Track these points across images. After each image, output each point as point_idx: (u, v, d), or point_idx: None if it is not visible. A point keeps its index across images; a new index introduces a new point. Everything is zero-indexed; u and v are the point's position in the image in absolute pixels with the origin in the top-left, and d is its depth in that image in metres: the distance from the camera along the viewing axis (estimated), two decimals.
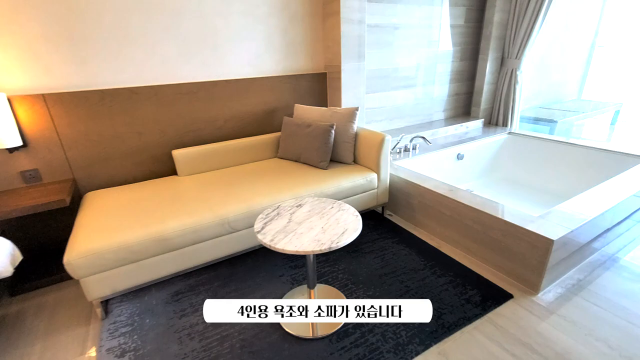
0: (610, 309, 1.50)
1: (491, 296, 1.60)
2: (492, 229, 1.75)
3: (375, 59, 2.76)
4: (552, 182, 2.86)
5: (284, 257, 1.96)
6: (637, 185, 1.98)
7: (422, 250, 1.98)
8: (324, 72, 2.63)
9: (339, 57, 2.44)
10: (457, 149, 2.87)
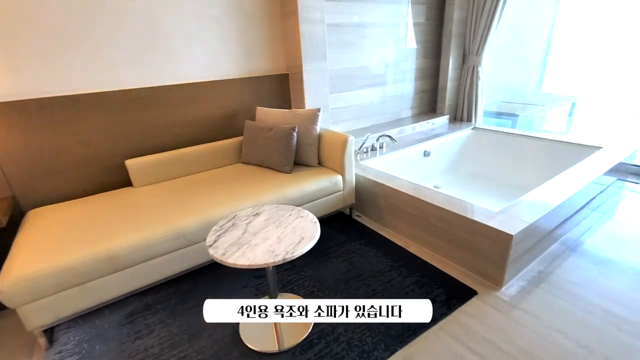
0: (569, 300, 1.53)
1: (456, 294, 1.60)
2: (455, 227, 1.75)
3: (339, 59, 2.73)
4: (516, 174, 2.93)
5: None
6: (593, 174, 2.05)
7: (389, 251, 1.95)
8: (285, 73, 2.56)
9: (299, 58, 2.38)
10: (423, 146, 2.89)
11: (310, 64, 2.41)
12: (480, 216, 1.66)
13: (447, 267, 1.80)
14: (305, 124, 2.16)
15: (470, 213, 1.70)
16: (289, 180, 2.00)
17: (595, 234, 2.00)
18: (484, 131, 3.18)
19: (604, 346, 1.29)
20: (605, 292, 1.56)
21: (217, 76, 2.30)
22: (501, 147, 3.05)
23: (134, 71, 2.01)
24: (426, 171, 2.96)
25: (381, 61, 3.01)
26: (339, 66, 2.75)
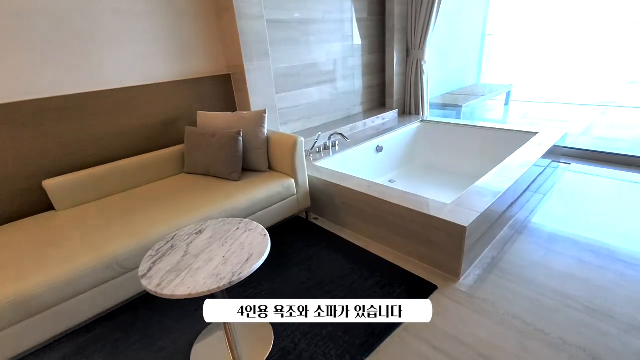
0: (522, 284, 1.58)
1: (417, 290, 1.58)
2: (412, 222, 1.73)
3: (284, 57, 2.62)
4: (465, 163, 3.04)
5: None
6: (532, 158, 2.16)
7: (348, 252, 1.90)
8: (227, 74, 2.40)
9: (240, 57, 2.24)
10: (375, 141, 2.88)
11: (252, 63, 2.27)
12: (434, 210, 1.66)
13: (408, 264, 1.79)
14: (251, 127, 2.03)
15: (424, 207, 1.69)
16: (238, 188, 1.86)
17: (538, 214, 2.11)
18: (432, 123, 3.26)
19: (558, 327, 1.33)
20: (554, 273, 1.63)
21: (150, 79, 2.08)
22: (449, 138, 3.15)
23: (46, 78, 1.74)
24: (380, 167, 2.96)
25: (329, 58, 2.95)
26: (284, 64, 2.64)
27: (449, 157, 3.15)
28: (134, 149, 2.09)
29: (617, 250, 1.74)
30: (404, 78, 3.50)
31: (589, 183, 2.46)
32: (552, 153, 2.55)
